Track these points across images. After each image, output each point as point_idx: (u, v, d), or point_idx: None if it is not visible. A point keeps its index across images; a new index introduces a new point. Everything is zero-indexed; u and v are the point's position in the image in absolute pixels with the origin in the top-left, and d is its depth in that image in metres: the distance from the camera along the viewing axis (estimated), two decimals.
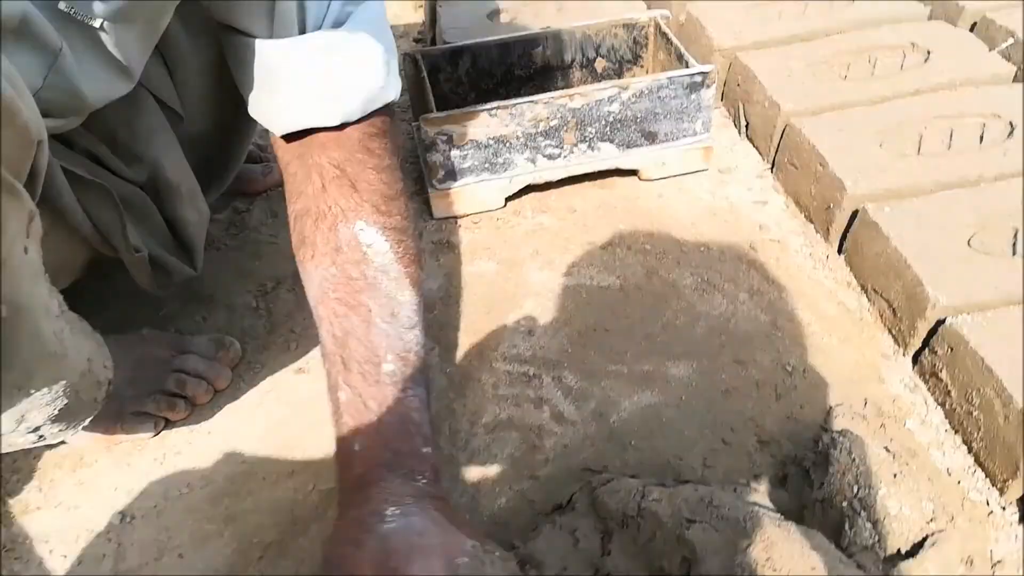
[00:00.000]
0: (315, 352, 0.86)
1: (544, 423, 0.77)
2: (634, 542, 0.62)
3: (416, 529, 0.55)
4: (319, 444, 0.77)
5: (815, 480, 0.65)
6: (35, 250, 0.48)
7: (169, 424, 0.80)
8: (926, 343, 0.77)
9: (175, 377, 0.78)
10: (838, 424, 0.71)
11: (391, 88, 0.70)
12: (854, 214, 0.89)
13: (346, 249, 0.66)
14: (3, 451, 0.59)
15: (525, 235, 0.99)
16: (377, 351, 0.64)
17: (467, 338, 0.86)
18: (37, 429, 0.56)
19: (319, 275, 0.67)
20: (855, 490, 0.61)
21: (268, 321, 0.89)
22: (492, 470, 0.74)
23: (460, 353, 0.85)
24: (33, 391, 0.51)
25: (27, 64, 0.47)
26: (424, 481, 0.60)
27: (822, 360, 0.80)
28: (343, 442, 0.63)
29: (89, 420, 0.61)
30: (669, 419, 0.76)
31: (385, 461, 0.60)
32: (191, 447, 0.79)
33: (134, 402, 0.77)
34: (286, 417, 0.81)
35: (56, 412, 0.55)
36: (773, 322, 0.84)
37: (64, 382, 0.53)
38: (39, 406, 0.53)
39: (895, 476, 0.62)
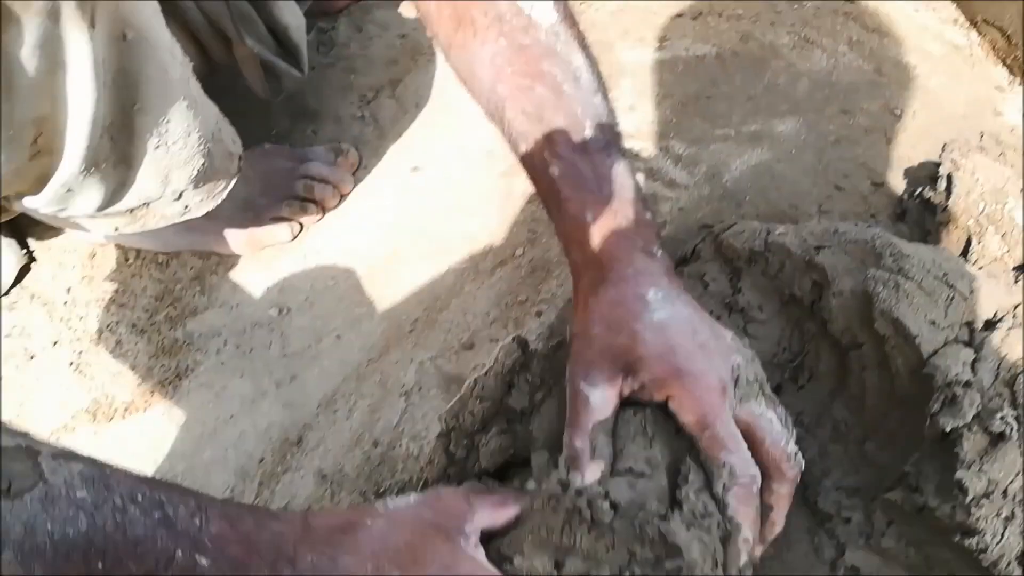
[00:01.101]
0: (427, 151, 0.89)
1: (657, 191, 0.80)
2: (763, 275, 0.66)
3: (686, 319, 0.53)
4: (446, 232, 0.83)
5: (938, 206, 0.67)
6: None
7: (304, 228, 0.86)
8: None
9: (303, 183, 0.83)
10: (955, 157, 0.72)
11: None
12: None
13: (509, 17, 0.58)
14: (156, 224, 0.65)
15: (611, 16, 0.97)
16: (575, 119, 0.58)
17: None
18: (181, 196, 0.62)
19: (488, 52, 0.59)
20: (981, 207, 0.63)
21: (376, 128, 0.92)
22: None
23: None
24: (170, 140, 0.55)
25: None
26: (660, 255, 0.57)
27: (932, 100, 0.80)
28: (570, 218, 0.57)
29: (226, 191, 0.65)
30: (781, 173, 0.78)
31: (622, 231, 0.56)
32: (329, 246, 0.85)
33: (269, 209, 0.83)
34: (411, 211, 0.86)
35: (195, 173, 0.59)
36: (877, 69, 0.83)
37: (199, 135, 0.57)
38: (179, 163, 0.58)
39: (1022, 190, 0.64)
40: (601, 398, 0.53)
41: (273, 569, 0.42)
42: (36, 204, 0.58)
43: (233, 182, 0.65)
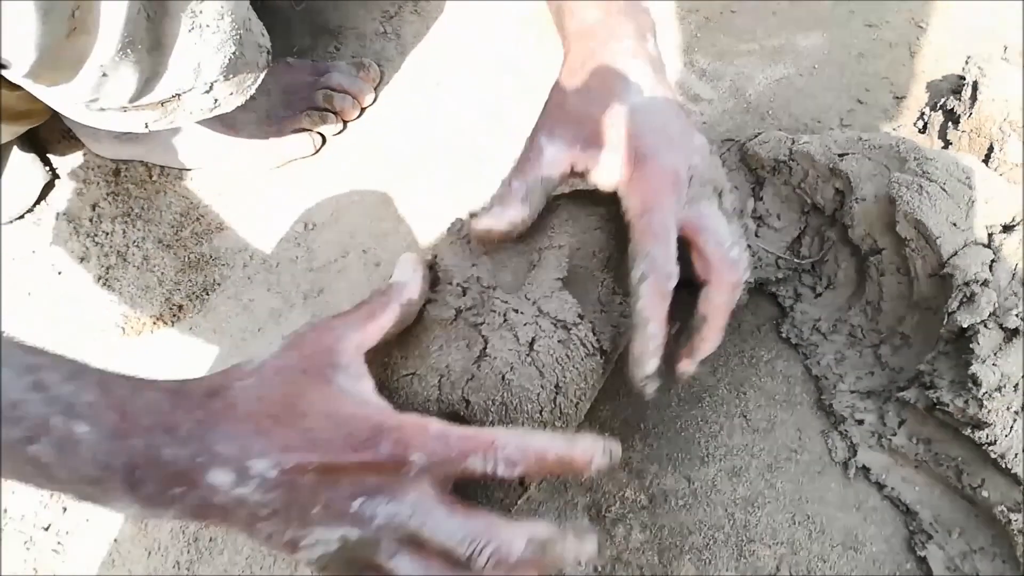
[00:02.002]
0: (449, 66, 0.89)
1: (681, 103, 0.80)
2: (786, 184, 0.67)
3: (660, 109, 0.52)
4: (469, 146, 0.83)
5: (960, 114, 0.68)
6: None
7: (326, 143, 0.87)
8: None
9: (323, 93, 0.84)
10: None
11: None
12: None
13: None
14: (185, 120, 0.65)
15: None
16: None
17: None
18: (212, 87, 0.62)
19: None
20: (1006, 114, 0.64)
21: (398, 44, 0.92)
22: None
23: None
24: (203, 22, 0.56)
25: None
26: (652, 44, 0.56)
27: (957, 14, 0.80)
28: None
29: (255, 85, 0.65)
30: (804, 87, 0.78)
31: (617, 8, 0.55)
32: (353, 162, 0.86)
33: (290, 120, 0.84)
34: (435, 126, 0.86)
35: (226, 62, 0.59)
36: None
37: (231, 20, 0.57)
38: (211, 50, 0.58)
39: None
40: (553, 155, 0.53)
41: (151, 435, 0.40)
42: (71, 92, 0.58)
43: (262, 76, 0.66)
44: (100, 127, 0.65)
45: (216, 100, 0.63)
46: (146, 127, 0.65)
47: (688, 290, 0.53)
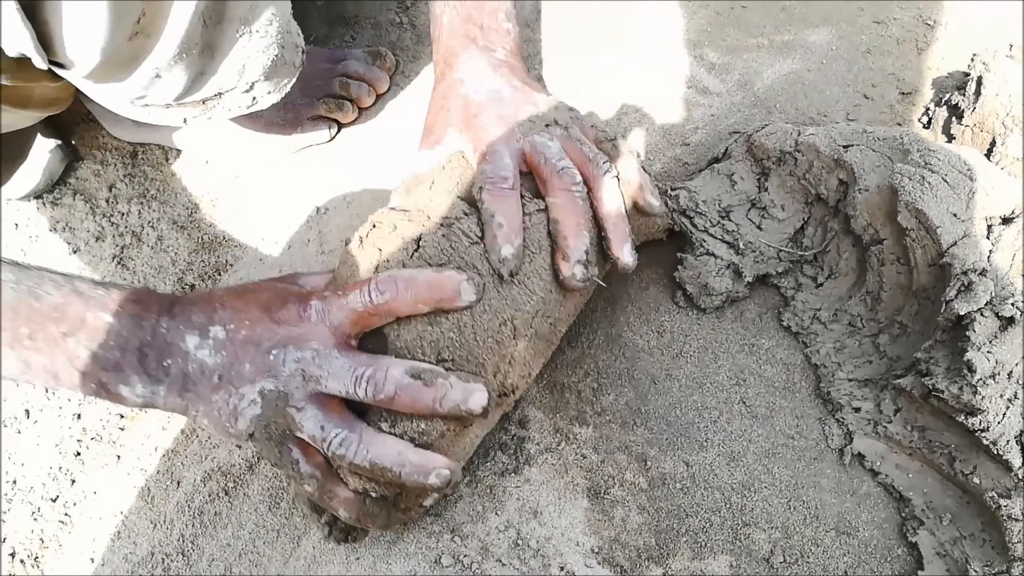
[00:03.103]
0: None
1: (690, 98, 0.81)
2: (791, 175, 0.68)
3: (492, 88, 0.64)
4: None
5: (964, 110, 0.69)
6: None
7: (341, 129, 0.88)
8: None
9: (339, 80, 0.85)
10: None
11: None
12: None
13: None
14: (222, 116, 0.68)
15: None
16: None
17: None
18: (253, 87, 0.64)
19: None
20: (1009, 108, 0.65)
21: (414, 33, 0.93)
22: (645, 142, 0.81)
23: None
24: (254, 27, 0.59)
25: None
26: (503, 52, 0.67)
27: (964, 11, 0.81)
28: (435, 18, 0.71)
29: (290, 84, 0.69)
30: (811, 82, 0.79)
31: (467, 33, 0.67)
32: (366, 148, 0.87)
33: (307, 108, 0.85)
34: None
35: (269, 63, 0.62)
36: None
37: (278, 24, 0.60)
38: (257, 52, 0.61)
39: None
40: (427, 160, 0.64)
41: (158, 318, 0.52)
42: (121, 90, 0.59)
43: (298, 73, 0.68)
44: (142, 120, 0.67)
45: (255, 98, 0.65)
46: (185, 122, 0.67)
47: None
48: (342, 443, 0.51)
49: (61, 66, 0.55)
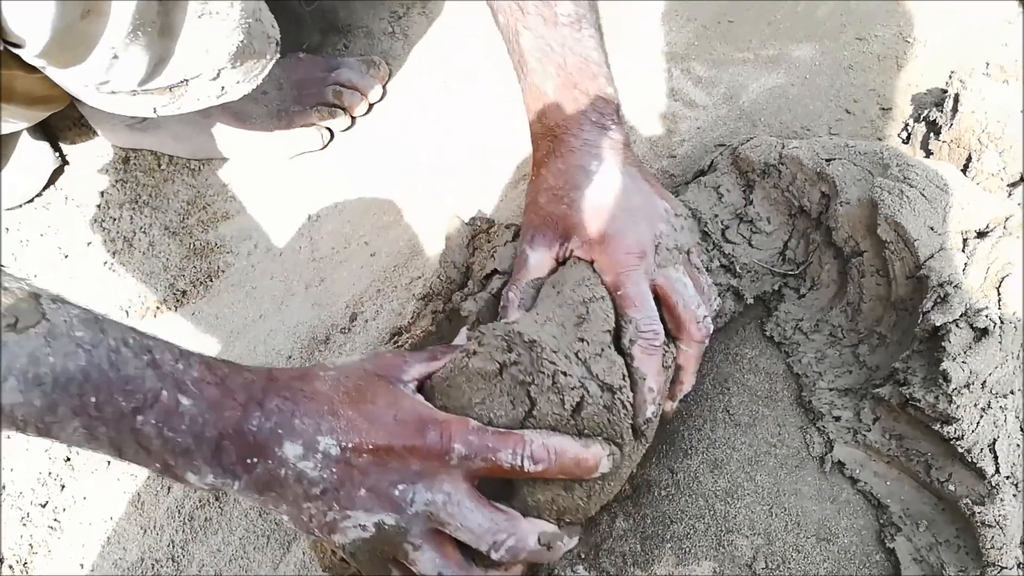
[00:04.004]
0: (456, 67, 0.92)
1: (677, 110, 0.83)
2: (775, 188, 0.70)
3: (620, 188, 0.58)
4: (474, 145, 0.86)
5: (942, 126, 0.71)
6: None
7: (334, 138, 0.89)
8: None
9: (332, 89, 0.86)
10: None
11: None
12: None
13: None
14: (193, 106, 0.68)
15: None
16: None
17: None
18: (220, 74, 0.65)
19: None
20: (984, 125, 0.67)
21: (406, 44, 0.94)
22: None
23: None
24: (213, 9, 0.58)
25: None
26: (614, 128, 0.61)
27: (943, 30, 0.83)
28: (533, 88, 0.62)
29: (262, 75, 0.68)
30: (795, 96, 0.81)
31: (578, 105, 0.61)
32: (358, 156, 0.89)
33: (300, 115, 0.86)
34: (440, 124, 0.89)
35: (234, 49, 0.62)
36: None
37: (240, 9, 0.60)
38: (219, 36, 0.60)
39: (1022, 112, 0.67)
40: (538, 260, 0.60)
41: (245, 409, 0.46)
42: (84, 74, 0.60)
43: (270, 66, 0.68)
44: (111, 111, 0.68)
45: (223, 87, 0.65)
46: (154, 112, 0.67)
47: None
48: None
49: (16, 46, 0.56)
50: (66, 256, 0.89)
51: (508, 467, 0.49)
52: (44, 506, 0.73)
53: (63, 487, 0.73)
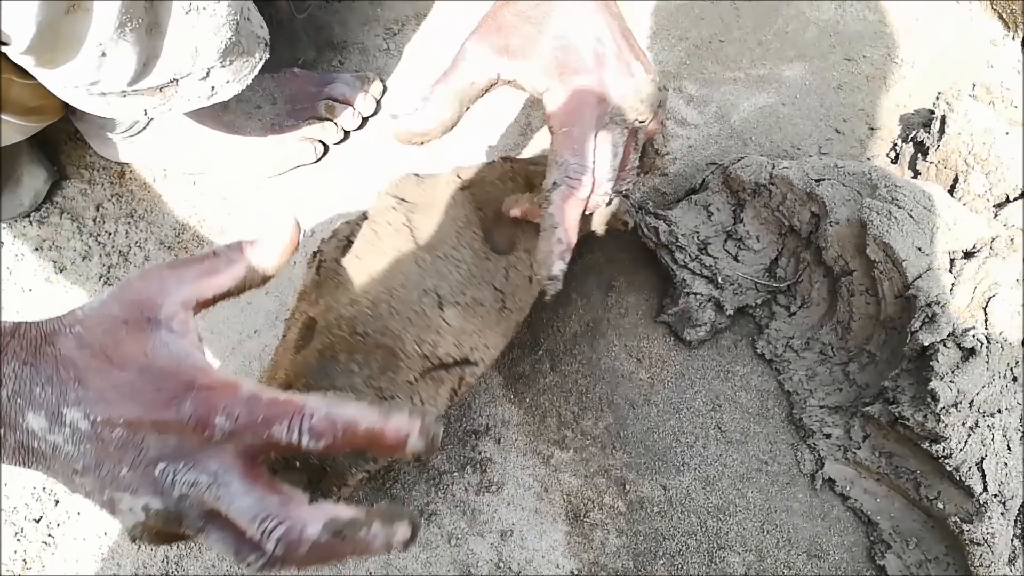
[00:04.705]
0: None
1: (669, 129, 0.84)
2: (765, 207, 0.71)
3: (596, 29, 0.54)
4: (464, 160, 0.86)
5: (929, 147, 0.72)
6: None
7: (328, 152, 0.90)
8: None
9: (326, 103, 0.87)
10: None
11: None
12: None
13: None
14: (184, 107, 0.67)
15: None
16: None
17: None
18: (209, 74, 0.64)
19: None
20: (971, 147, 0.68)
21: (400, 59, 0.95)
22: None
23: None
24: (200, 4, 0.58)
25: None
26: None
27: (931, 51, 0.84)
28: None
29: (252, 75, 0.68)
30: (785, 116, 0.82)
31: None
32: (352, 171, 0.89)
33: (294, 130, 0.87)
34: (435, 140, 0.89)
35: (223, 47, 0.62)
36: (882, 20, 0.87)
37: (227, 5, 0.59)
38: (207, 33, 0.60)
39: (1007, 133, 0.68)
40: (479, 61, 0.55)
41: None
42: (73, 74, 0.60)
43: (260, 65, 0.68)
44: (103, 115, 0.68)
45: (213, 87, 0.65)
46: (145, 113, 0.67)
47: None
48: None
49: (3, 44, 0.56)
50: (61, 270, 0.89)
51: (285, 444, 0.41)
52: (38, 521, 0.73)
53: (57, 502, 0.73)
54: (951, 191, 0.69)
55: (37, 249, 0.90)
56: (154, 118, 0.76)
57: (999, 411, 0.59)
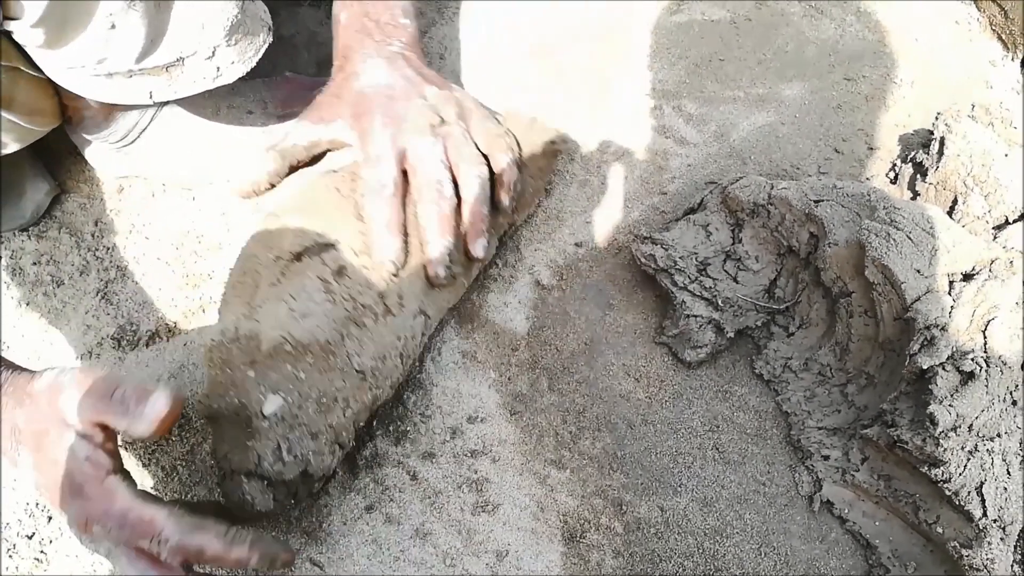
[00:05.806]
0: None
1: (668, 148, 0.84)
2: (764, 227, 0.71)
3: (386, 83, 0.68)
4: None
5: (928, 168, 0.72)
6: None
7: (323, 155, 0.90)
8: None
9: None
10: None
11: None
12: None
13: None
14: (189, 90, 0.70)
15: None
16: None
17: None
18: (215, 53, 0.66)
19: None
20: (970, 168, 0.68)
21: None
22: (624, 191, 0.83)
23: None
24: None
25: None
26: (400, 45, 0.71)
27: (930, 71, 0.84)
28: (335, 20, 0.74)
29: (256, 56, 0.71)
30: (785, 135, 0.82)
31: (364, 29, 0.71)
32: None
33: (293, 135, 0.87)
34: None
35: (229, 24, 0.65)
36: (881, 40, 0.88)
37: None
38: (215, 7, 0.62)
39: (1006, 155, 0.68)
40: (302, 130, 0.71)
41: None
42: (81, 50, 0.61)
43: (264, 48, 0.71)
44: (106, 99, 0.68)
45: (219, 68, 0.67)
46: (150, 96, 0.68)
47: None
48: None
49: (14, 19, 0.56)
50: (59, 284, 0.88)
51: (156, 552, 0.52)
52: (31, 538, 0.72)
53: (50, 519, 0.73)
54: (950, 212, 0.69)
55: (35, 263, 0.90)
56: (148, 126, 0.79)
57: (998, 435, 0.58)
